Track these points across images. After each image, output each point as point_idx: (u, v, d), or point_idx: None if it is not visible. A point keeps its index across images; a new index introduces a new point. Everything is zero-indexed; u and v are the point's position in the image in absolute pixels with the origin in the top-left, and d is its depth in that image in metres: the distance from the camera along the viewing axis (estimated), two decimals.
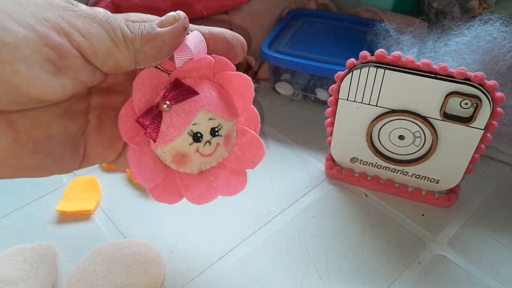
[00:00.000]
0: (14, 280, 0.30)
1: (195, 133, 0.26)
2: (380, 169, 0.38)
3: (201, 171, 0.28)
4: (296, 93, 0.50)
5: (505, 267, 0.33)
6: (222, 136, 0.28)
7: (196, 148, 0.27)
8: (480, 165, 0.41)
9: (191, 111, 0.26)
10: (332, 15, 0.56)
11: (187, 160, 0.27)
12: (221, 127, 0.27)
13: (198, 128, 0.26)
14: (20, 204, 0.38)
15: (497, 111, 0.31)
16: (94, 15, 0.20)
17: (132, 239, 0.34)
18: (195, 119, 0.26)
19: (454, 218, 0.37)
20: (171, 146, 0.26)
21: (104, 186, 0.40)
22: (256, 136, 0.29)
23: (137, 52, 0.21)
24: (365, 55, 0.33)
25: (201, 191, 0.28)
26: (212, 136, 0.27)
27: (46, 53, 0.18)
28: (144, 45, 0.22)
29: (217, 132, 0.27)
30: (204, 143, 0.27)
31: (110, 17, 0.21)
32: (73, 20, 0.19)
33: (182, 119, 0.26)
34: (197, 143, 0.27)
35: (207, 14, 0.49)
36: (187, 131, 0.26)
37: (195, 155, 0.27)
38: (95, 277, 0.31)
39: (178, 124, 0.26)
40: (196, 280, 0.32)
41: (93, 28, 0.20)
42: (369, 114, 0.35)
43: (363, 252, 0.34)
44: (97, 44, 0.20)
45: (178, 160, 0.27)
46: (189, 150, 0.27)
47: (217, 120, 0.27)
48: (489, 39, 0.36)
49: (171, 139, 0.26)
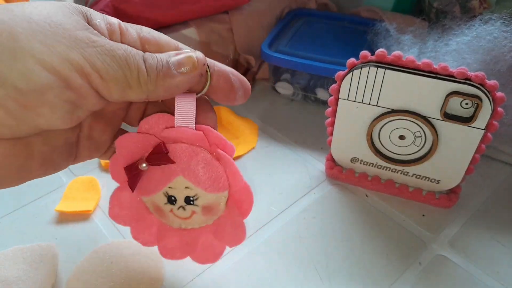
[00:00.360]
0: (13, 280, 0.30)
1: (169, 196, 0.28)
2: (380, 169, 0.38)
3: (180, 228, 0.30)
4: (296, 93, 0.50)
5: (506, 267, 0.33)
6: (198, 206, 0.28)
7: (170, 208, 0.29)
8: (480, 165, 0.41)
9: (170, 174, 0.28)
10: (332, 14, 0.56)
11: (164, 215, 0.29)
12: (197, 197, 0.28)
13: (173, 192, 0.28)
14: (20, 204, 0.38)
15: (498, 111, 0.31)
16: (114, 52, 0.21)
17: (132, 239, 0.34)
18: (171, 183, 0.28)
19: (455, 218, 0.37)
20: (150, 198, 0.29)
21: (104, 186, 0.40)
22: (241, 219, 0.29)
23: (150, 92, 0.22)
24: (366, 55, 0.33)
25: (174, 246, 0.30)
26: (186, 204, 0.28)
27: (67, 96, 0.20)
28: (158, 86, 0.22)
29: (192, 202, 0.28)
30: (178, 207, 0.29)
31: (129, 55, 0.21)
32: (94, 59, 0.20)
33: (160, 179, 0.28)
34: (171, 205, 0.29)
35: (207, 14, 0.49)
36: (162, 191, 0.28)
37: (170, 214, 0.29)
38: (94, 277, 0.31)
39: (155, 182, 0.28)
40: (196, 280, 0.32)
41: (112, 69, 0.20)
42: (369, 114, 0.35)
43: (364, 252, 0.34)
44: (114, 86, 0.21)
45: (157, 211, 0.29)
46: (164, 208, 0.29)
47: (194, 191, 0.28)
48: (489, 38, 0.36)
49: (149, 193, 0.28)
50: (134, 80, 0.21)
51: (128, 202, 0.29)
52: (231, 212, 0.29)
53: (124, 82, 0.21)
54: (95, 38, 0.20)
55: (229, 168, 0.27)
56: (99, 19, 0.22)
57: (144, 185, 0.28)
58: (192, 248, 0.30)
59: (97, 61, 0.20)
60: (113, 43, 0.21)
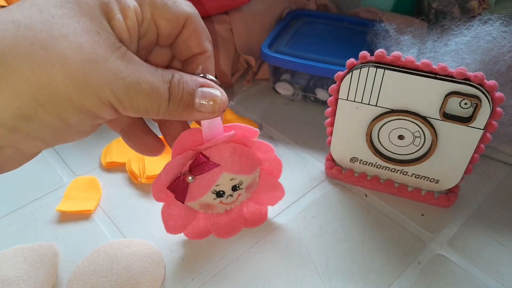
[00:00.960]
0: (14, 280, 0.30)
1: (218, 191, 0.32)
2: (379, 169, 0.38)
3: (226, 210, 0.34)
4: (296, 93, 0.50)
5: (505, 267, 0.33)
6: (243, 189, 0.33)
7: (219, 201, 0.32)
8: (479, 165, 0.41)
9: (214, 176, 0.31)
10: (332, 15, 0.56)
11: (213, 207, 0.33)
12: (241, 182, 0.32)
13: (220, 188, 0.32)
14: (20, 204, 0.38)
15: (497, 111, 0.31)
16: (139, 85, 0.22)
17: (132, 239, 0.34)
18: (217, 181, 0.31)
19: (454, 218, 0.37)
20: (197, 201, 0.32)
21: (105, 186, 0.40)
22: (276, 180, 0.34)
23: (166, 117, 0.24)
24: (365, 55, 0.33)
25: (227, 227, 0.33)
26: (233, 191, 0.32)
27: (96, 125, 0.24)
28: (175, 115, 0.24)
29: (238, 187, 0.32)
30: (227, 196, 0.32)
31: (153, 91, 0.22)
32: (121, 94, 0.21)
33: (206, 182, 0.31)
34: (220, 197, 0.32)
35: (207, 14, 0.50)
36: (211, 191, 0.31)
37: (219, 205, 0.33)
38: (95, 277, 0.31)
39: (203, 187, 0.31)
40: (196, 280, 0.32)
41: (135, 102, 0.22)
42: (368, 114, 0.35)
43: (363, 252, 0.34)
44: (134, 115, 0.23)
45: (205, 207, 0.33)
46: (214, 202, 0.32)
47: (237, 179, 0.32)
48: (488, 39, 0.36)
49: (197, 197, 0.31)
50: (154, 111, 0.23)
51: (177, 214, 0.32)
52: (266, 180, 0.34)
53: (144, 112, 0.23)
54: (122, 67, 0.21)
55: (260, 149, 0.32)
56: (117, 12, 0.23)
57: (191, 194, 0.31)
58: (241, 221, 0.34)
59: (124, 96, 0.22)
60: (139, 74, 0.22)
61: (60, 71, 0.20)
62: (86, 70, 0.20)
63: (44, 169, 0.42)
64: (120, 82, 0.21)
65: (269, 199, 0.35)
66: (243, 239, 0.35)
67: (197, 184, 0.31)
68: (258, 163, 0.33)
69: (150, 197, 0.39)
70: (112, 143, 0.44)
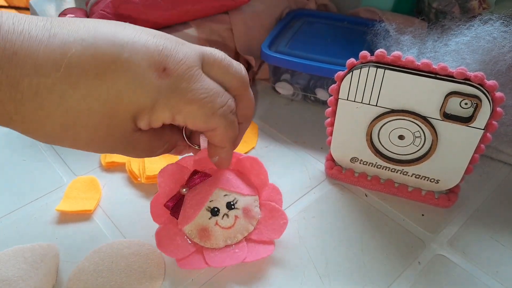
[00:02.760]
0: (14, 280, 0.30)
1: (212, 208, 0.31)
2: (380, 169, 0.38)
3: (226, 245, 0.32)
4: (296, 93, 0.50)
5: (505, 267, 0.33)
6: (239, 209, 0.32)
7: (215, 221, 0.32)
8: (480, 165, 0.41)
9: (208, 190, 0.31)
10: (332, 15, 0.56)
11: (210, 234, 0.32)
12: (236, 201, 0.32)
13: (215, 203, 0.32)
14: (20, 204, 0.38)
15: (497, 111, 0.31)
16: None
17: (132, 239, 0.34)
18: (211, 197, 0.31)
19: (454, 218, 0.37)
20: (194, 222, 0.31)
21: (104, 186, 0.40)
22: (277, 207, 0.34)
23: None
24: (365, 55, 0.33)
25: (225, 261, 0.32)
26: (229, 209, 0.32)
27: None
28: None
29: (233, 206, 0.32)
30: (222, 216, 0.32)
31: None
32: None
33: (200, 198, 0.31)
34: (215, 216, 0.32)
35: (207, 15, 0.49)
36: (205, 207, 0.31)
37: (215, 228, 0.32)
38: (95, 277, 0.31)
39: (197, 203, 0.31)
40: (196, 280, 0.32)
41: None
42: (369, 114, 0.35)
43: (363, 252, 0.34)
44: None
45: (202, 235, 0.32)
46: (209, 223, 0.32)
47: (232, 195, 0.32)
48: (489, 39, 0.36)
49: (193, 216, 0.31)
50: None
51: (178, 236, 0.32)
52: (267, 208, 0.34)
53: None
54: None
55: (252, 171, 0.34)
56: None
57: (186, 213, 0.32)
58: (240, 256, 0.32)
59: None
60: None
61: None
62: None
63: (44, 169, 0.42)
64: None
65: (274, 230, 0.33)
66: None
67: (191, 202, 0.31)
68: (255, 191, 0.34)
69: (150, 197, 0.39)
70: None
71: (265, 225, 0.33)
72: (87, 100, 0.23)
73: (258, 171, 0.34)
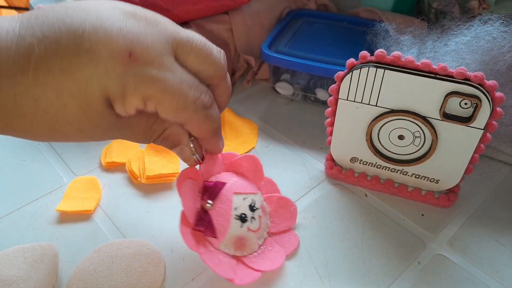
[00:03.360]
0: (14, 280, 0.30)
1: (240, 215, 0.31)
2: (380, 169, 0.38)
3: (259, 246, 0.33)
4: (296, 93, 0.50)
5: (505, 267, 0.33)
6: (259, 209, 0.33)
7: (247, 227, 0.31)
8: (479, 165, 0.41)
9: (227, 199, 0.31)
10: (332, 15, 0.56)
11: (245, 243, 0.32)
12: (254, 202, 0.32)
13: (239, 210, 0.31)
14: (20, 204, 0.38)
15: (497, 111, 0.31)
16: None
17: (132, 239, 0.34)
18: (234, 204, 0.31)
19: (454, 218, 0.37)
20: (228, 235, 0.31)
21: (104, 186, 0.40)
22: (282, 197, 0.35)
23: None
24: (365, 55, 0.33)
25: (268, 262, 0.32)
26: (252, 212, 0.32)
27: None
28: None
29: (254, 207, 0.32)
30: (250, 219, 0.32)
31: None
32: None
33: (225, 209, 0.31)
34: (245, 223, 0.31)
35: (207, 15, 0.50)
36: (233, 217, 0.31)
37: (249, 233, 0.32)
38: (95, 277, 0.31)
39: (224, 214, 0.31)
40: (196, 280, 0.32)
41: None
42: (369, 114, 0.35)
43: (363, 252, 0.34)
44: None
45: (238, 245, 0.31)
46: (243, 231, 0.31)
47: (249, 198, 0.32)
48: (488, 39, 0.36)
49: (226, 229, 0.31)
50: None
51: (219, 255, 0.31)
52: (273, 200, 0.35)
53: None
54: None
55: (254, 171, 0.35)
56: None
57: (218, 228, 0.30)
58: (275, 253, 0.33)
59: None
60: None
61: None
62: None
63: (44, 169, 0.42)
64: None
65: (287, 217, 0.35)
66: None
67: (218, 216, 0.30)
68: (256, 186, 0.34)
69: (150, 197, 0.39)
70: (112, 143, 0.44)
71: (277, 216, 0.35)
72: (60, 97, 0.23)
73: (255, 168, 0.35)
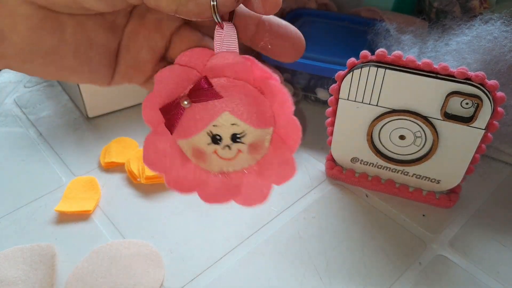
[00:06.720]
0: (13, 280, 0.30)
1: (214, 135, 0.26)
2: (380, 169, 0.38)
3: (222, 171, 0.28)
4: (296, 93, 0.50)
5: (506, 267, 0.33)
6: (245, 144, 0.27)
7: (214, 149, 0.27)
8: (481, 165, 0.41)
9: (214, 111, 0.26)
10: (332, 14, 0.56)
11: (205, 158, 0.27)
12: (245, 134, 0.27)
13: (218, 130, 0.26)
14: (20, 204, 0.38)
15: (498, 111, 0.31)
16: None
17: (132, 239, 0.34)
18: (216, 121, 0.26)
19: (455, 219, 0.37)
20: (189, 140, 0.26)
21: (104, 186, 0.40)
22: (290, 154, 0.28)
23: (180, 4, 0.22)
24: (366, 55, 0.33)
25: (215, 190, 0.28)
26: (233, 142, 0.27)
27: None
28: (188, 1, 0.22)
29: (238, 139, 0.27)
30: (223, 146, 0.27)
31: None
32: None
33: (203, 118, 0.26)
34: (215, 145, 0.26)
35: None
36: (205, 130, 0.26)
37: (213, 155, 0.27)
38: (94, 278, 0.31)
39: (198, 121, 0.26)
40: (196, 280, 0.32)
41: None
42: (369, 114, 0.35)
43: (364, 252, 0.34)
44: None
45: (197, 155, 0.27)
46: (207, 149, 0.27)
47: (241, 127, 0.26)
48: (490, 38, 0.36)
49: (189, 134, 0.26)
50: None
51: (163, 148, 0.27)
52: (277, 149, 0.27)
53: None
54: None
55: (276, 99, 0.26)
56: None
57: (183, 126, 0.26)
58: (236, 191, 0.28)
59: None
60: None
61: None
62: None
63: (43, 169, 0.42)
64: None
65: (276, 175, 0.28)
66: (243, 240, 0.35)
67: (190, 117, 0.26)
68: (271, 121, 0.27)
69: (149, 197, 0.39)
70: (111, 143, 0.43)
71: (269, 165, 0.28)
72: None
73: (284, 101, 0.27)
